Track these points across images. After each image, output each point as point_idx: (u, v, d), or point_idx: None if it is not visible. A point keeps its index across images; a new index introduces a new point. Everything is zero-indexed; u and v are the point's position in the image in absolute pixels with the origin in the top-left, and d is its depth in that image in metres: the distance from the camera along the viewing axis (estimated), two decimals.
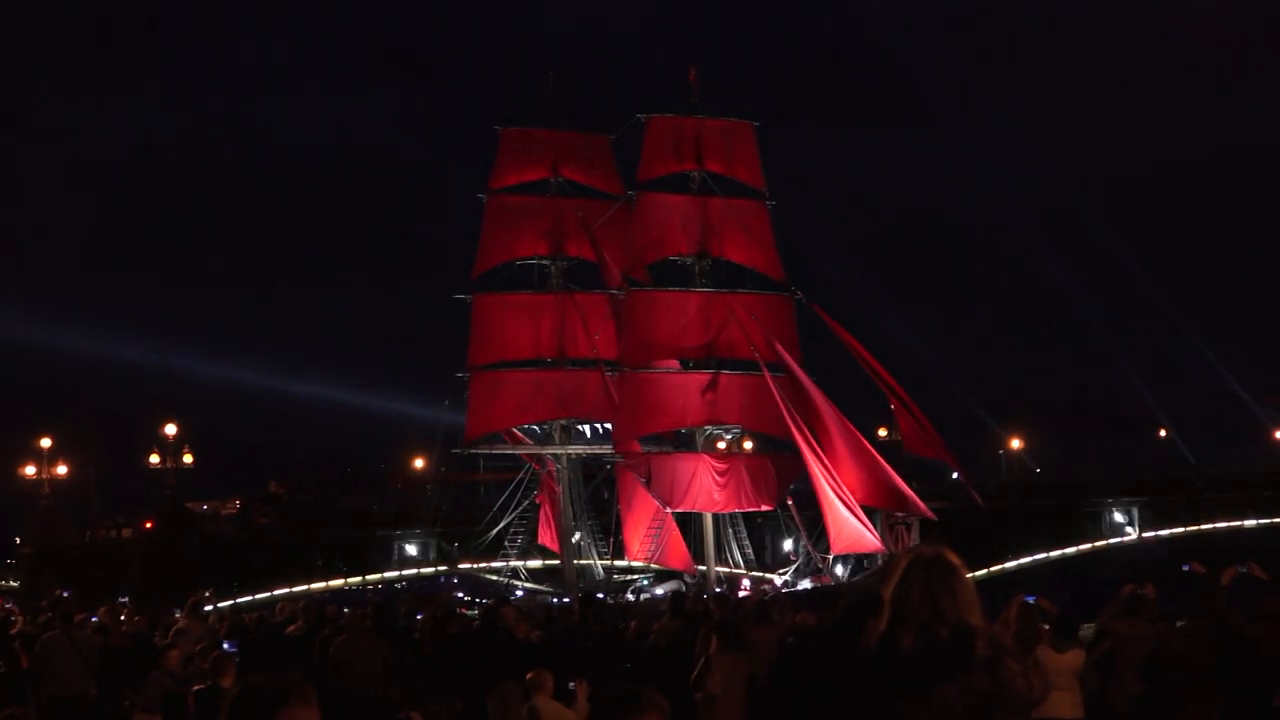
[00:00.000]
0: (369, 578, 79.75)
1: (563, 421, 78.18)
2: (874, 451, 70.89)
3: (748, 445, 78.69)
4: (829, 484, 68.88)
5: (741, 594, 67.84)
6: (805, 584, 68.34)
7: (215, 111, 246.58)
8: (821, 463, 69.41)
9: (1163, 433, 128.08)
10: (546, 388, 77.75)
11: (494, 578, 77.00)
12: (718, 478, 73.51)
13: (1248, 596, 20.39)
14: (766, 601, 28.25)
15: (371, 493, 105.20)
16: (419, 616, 29.88)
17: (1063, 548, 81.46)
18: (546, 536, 79.68)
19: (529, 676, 19.27)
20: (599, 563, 77.30)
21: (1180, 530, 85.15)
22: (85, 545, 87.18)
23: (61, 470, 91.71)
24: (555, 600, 61.68)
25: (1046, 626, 18.84)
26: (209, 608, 41.99)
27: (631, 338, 74.51)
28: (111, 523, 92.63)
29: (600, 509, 79.61)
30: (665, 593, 66.62)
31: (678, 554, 73.39)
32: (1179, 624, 19.74)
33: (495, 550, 78.01)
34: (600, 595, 59.98)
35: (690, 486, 73.34)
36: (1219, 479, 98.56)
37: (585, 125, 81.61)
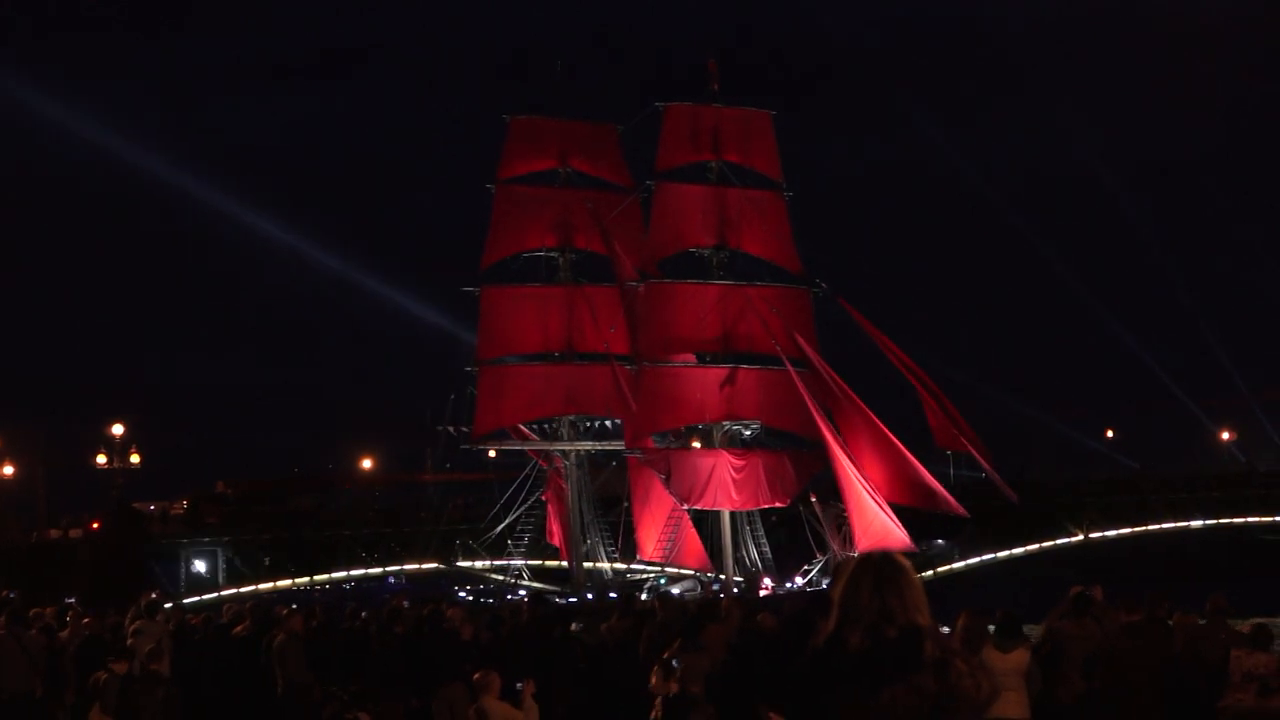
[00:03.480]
0: (317, 578, 79.41)
1: (571, 417, 77.36)
2: (901, 446, 70.14)
3: (746, 433, 77.46)
4: (855, 479, 68.34)
5: (762, 593, 67.83)
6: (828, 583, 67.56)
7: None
8: (848, 458, 68.92)
9: (1110, 434, 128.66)
10: (556, 383, 76.92)
11: (498, 577, 76.39)
12: (735, 474, 72.67)
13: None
14: (715, 600, 28.27)
15: (319, 493, 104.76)
16: (363, 615, 29.73)
17: (1011, 548, 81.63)
18: (553, 535, 78.94)
19: (476, 677, 19.24)
20: (606, 564, 76.53)
21: (1128, 531, 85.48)
22: (33, 546, 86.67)
23: (8, 471, 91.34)
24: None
25: (991, 627, 18.91)
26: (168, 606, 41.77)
27: (650, 331, 73.66)
28: (59, 523, 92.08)
29: (608, 506, 78.97)
30: (681, 592, 66.60)
31: (694, 553, 73.01)
32: (1123, 623, 19.85)
33: (500, 549, 77.40)
34: (613, 595, 59.25)
35: (709, 483, 72.39)
36: (1167, 480, 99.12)
37: (594, 115, 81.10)
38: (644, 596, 65.44)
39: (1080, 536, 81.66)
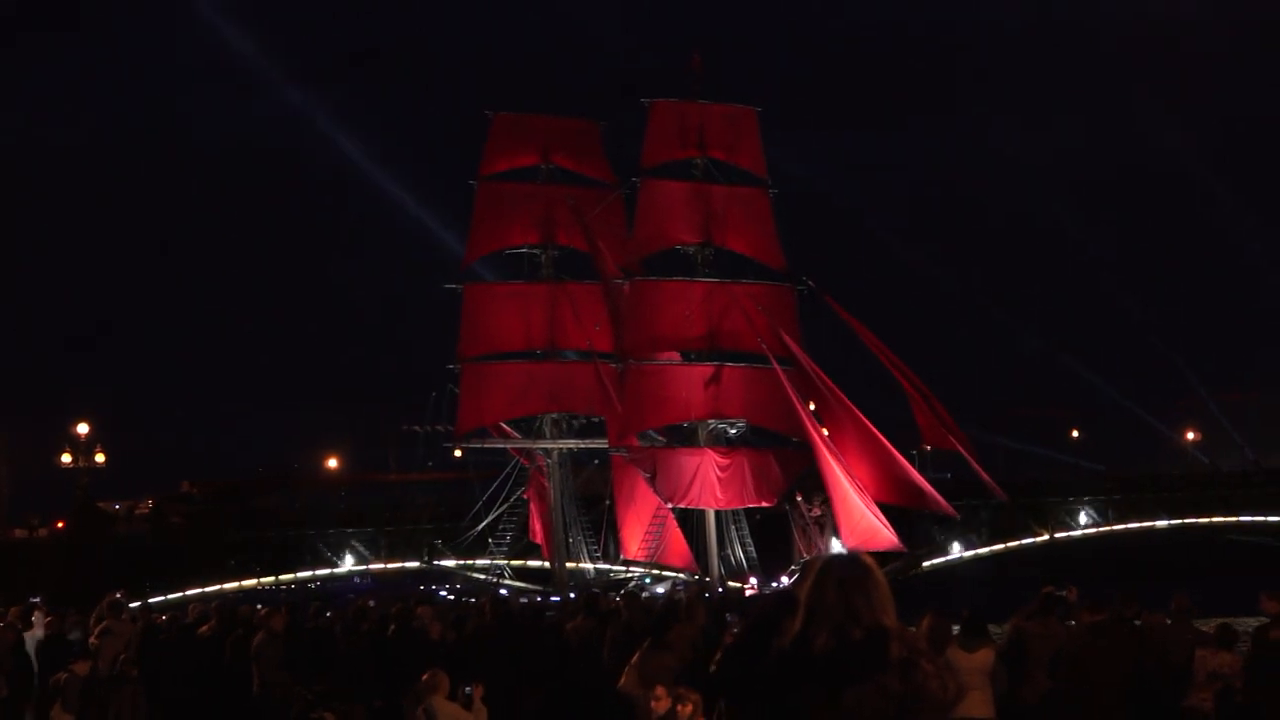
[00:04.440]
0: (282, 578, 79.20)
1: (554, 415, 76.85)
2: (889, 445, 70.06)
3: (731, 431, 77.13)
4: (842, 478, 68.11)
5: (749, 592, 67.62)
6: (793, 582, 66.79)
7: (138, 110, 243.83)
8: (834, 456, 68.65)
9: (1075, 434, 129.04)
10: (538, 380, 76.41)
11: (480, 576, 76.02)
12: (720, 473, 72.34)
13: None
14: (679, 600, 28.24)
15: (284, 493, 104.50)
16: (328, 614, 29.65)
17: (976, 548, 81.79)
18: (536, 534, 78.22)
19: (424, 677, 19.22)
20: (589, 564, 76.13)
21: (1093, 531, 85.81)
22: None
23: None
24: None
25: (956, 627, 18.96)
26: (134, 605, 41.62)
27: (635, 328, 73.25)
28: (25, 523, 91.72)
29: (589, 505, 78.53)
30: (666, 591, 66.47)
31: (679, 552, 72.65)
32: (1087, 623, 19.92)
33: (481, 548, 77.09)
34: (597, 593, 59.08)
35: (693, 482, 72.04)
36: (1131, 481, 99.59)
37: (576, 110, 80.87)
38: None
39: (1045, 537, 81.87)
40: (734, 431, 75.25)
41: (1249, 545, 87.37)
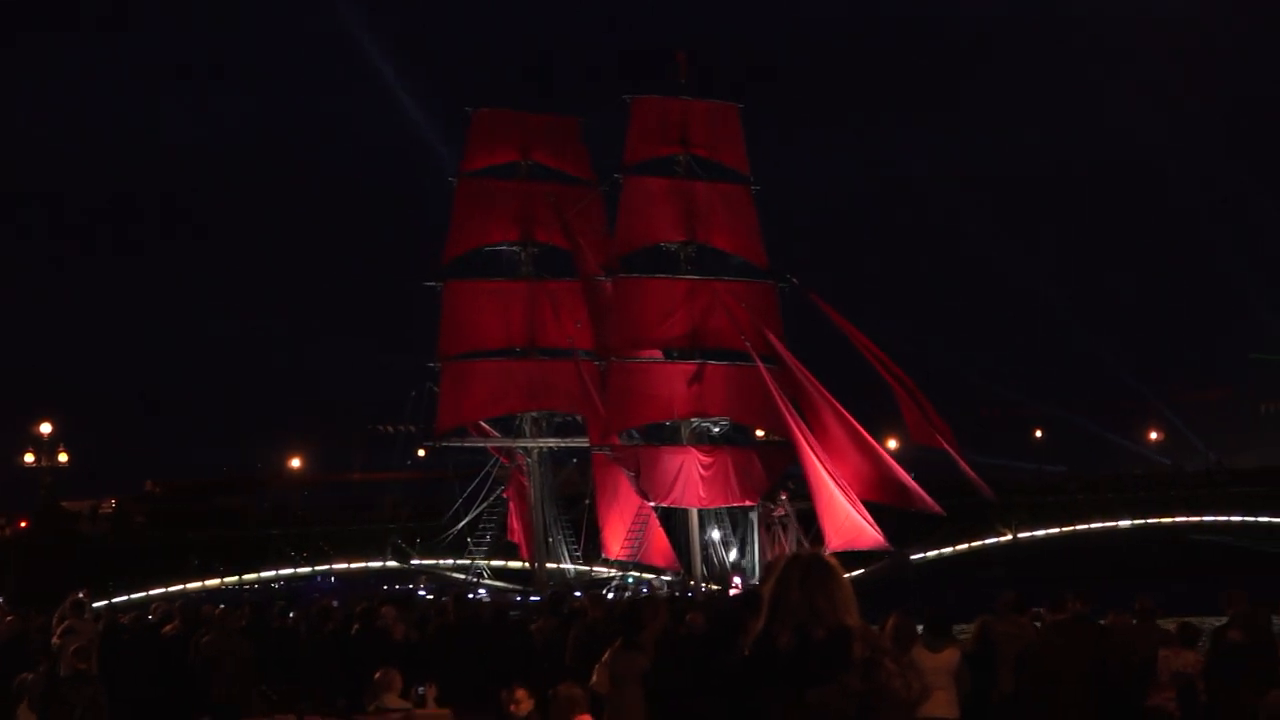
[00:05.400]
0: (246, 577, 78.92)
1: (534, 413, 76.40)
2: (875, 443, 69.96)
3: (714, 430, 76.61)
4: (826, 476, 67.91)
5: (733, 592, 67.41)
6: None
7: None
8: (817, 454, 68.39)
9: (1038, 434, 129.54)
10: (517, 378, 76.02)
11: (460, 576, 75.65)
12: (703, 471, 71.72)
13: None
14: (643, 600, 28.27)
15: (248, 492, 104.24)
16: (291, 615, 29.63)
17: (940, 547, 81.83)
18: (515, 534, 77.73)
19: (377, 676, 19.22)
20: (570, 564, 75.66)
21: (1056, 531, 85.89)
22: None
23: None
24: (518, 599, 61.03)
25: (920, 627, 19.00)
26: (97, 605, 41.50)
27: (618, 326, 72.75)
28: None
29: (569, 504, 77.93)
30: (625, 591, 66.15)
31: (661, 551, 72.35)
32: (1049, 622, 20.00)
33: (459, 548, 76.63)
34: (578, 593, 58.73)
35: (676, 480, 71.49)
36: (1092, 481, 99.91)
37: (556, 107, 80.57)
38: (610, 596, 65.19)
39: (1009, 536, 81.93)
40: (717, 430, 75.12)
41: (1212, 545, 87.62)
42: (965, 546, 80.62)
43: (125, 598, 69.71)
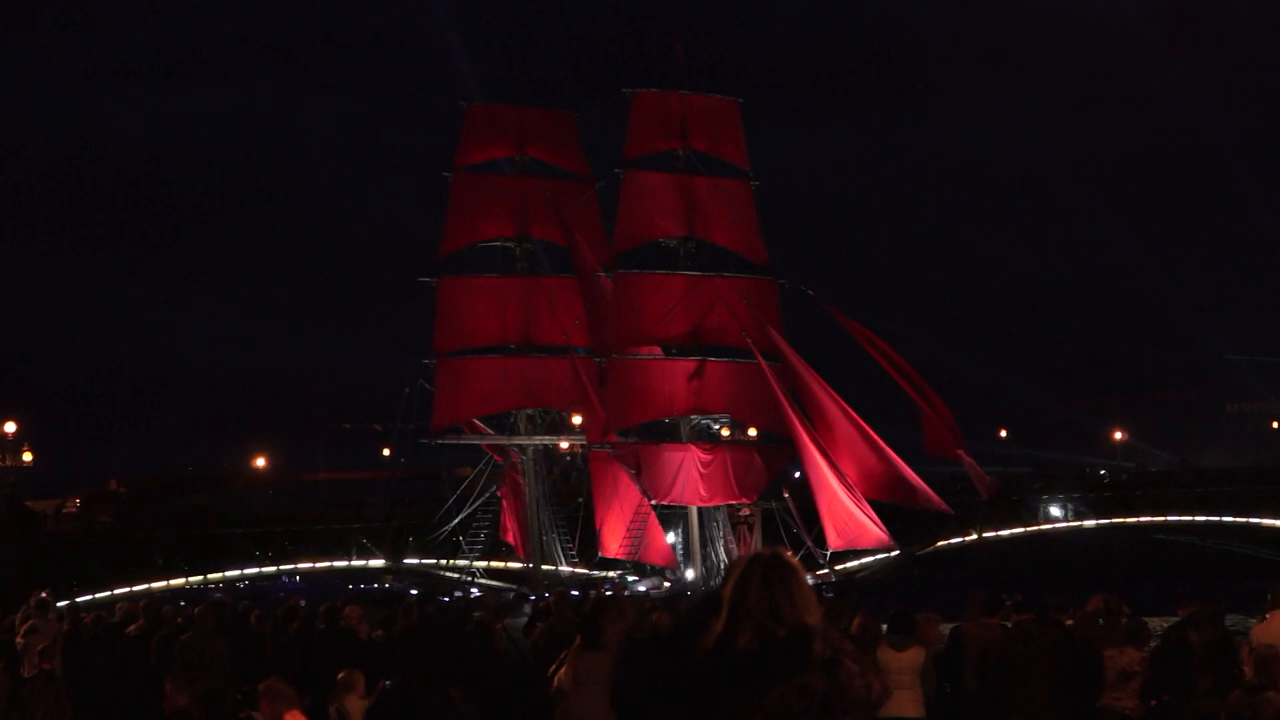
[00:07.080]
0: (210, 576, 78.69)
1: (529, 411, 76.15)
2: (880, 441, 69.26)
3: (725, 433, 76.51)
4: (828, 475, 67.47)
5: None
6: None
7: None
8: (821, 453, 67.96)
9: (1003, 433, 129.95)
10: (512, 376, 75.69)
11: (453, 575, 75.23)
12: (703, 469, 71.22)
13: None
14: (609, 599, 28.25)
15: (212, 491, 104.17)
16: (255, 614, 29.56)
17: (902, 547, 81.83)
18: (509, 533, 77.48)
19: (340, 676, 19.20)
20: (564, 563, 75.25)
21: (1021, 530, 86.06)
22: None
23: None
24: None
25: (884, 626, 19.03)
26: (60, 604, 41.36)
27: (618, 323, 72.27)
28: None
29: (564, 502, 77.80)
30: (647, 590, 65.96)
31: (660, 550, 72.08)
32: (1013, 621, 20.07)
33: (453, 547, 76.14)
34: (575, 593, 58.35)
35: (676, 478, 71.07)
36: (1057, 480, 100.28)
37: (551, 101, 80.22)
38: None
39: (973, 536, 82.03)
40: (717, 427, 74.94)
41: (1175, 545, 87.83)
42: (932, 548, 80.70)
43: (89, 597, 69.47)
